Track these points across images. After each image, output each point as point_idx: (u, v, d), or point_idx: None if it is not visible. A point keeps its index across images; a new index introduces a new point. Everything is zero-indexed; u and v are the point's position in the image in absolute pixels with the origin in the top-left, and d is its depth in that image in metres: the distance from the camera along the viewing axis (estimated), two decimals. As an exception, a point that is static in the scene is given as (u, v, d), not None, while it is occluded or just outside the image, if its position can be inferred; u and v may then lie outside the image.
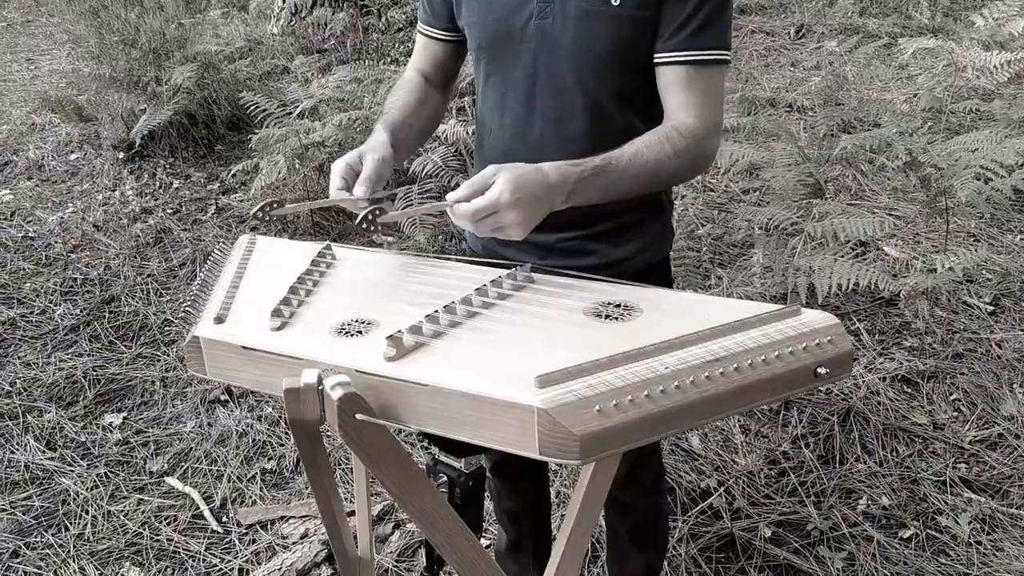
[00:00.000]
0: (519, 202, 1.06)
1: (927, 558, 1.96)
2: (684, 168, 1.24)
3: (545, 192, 1.09)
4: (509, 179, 1.06)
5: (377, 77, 3.83)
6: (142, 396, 2.86)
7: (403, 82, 1.47)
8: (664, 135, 1.21)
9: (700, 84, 1.24)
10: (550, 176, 1.10)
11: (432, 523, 1.04)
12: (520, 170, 1.08)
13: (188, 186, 4.34)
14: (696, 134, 1.23)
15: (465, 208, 1.06)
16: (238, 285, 1.24)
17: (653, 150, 1.19)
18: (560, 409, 0.88)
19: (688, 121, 1.23)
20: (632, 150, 1.19)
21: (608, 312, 1.08)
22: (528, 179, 1.08)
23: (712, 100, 1.25)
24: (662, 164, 1.20)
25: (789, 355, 0.98)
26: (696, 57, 1.23)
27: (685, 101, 1.23)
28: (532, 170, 1.09)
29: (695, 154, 1.23)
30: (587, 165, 1.15)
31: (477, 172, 1.46)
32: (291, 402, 0.96)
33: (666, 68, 1.25)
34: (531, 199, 1.07)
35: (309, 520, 2.29)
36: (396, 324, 1.07)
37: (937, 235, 3.20)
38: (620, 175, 1.17)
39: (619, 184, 1.19)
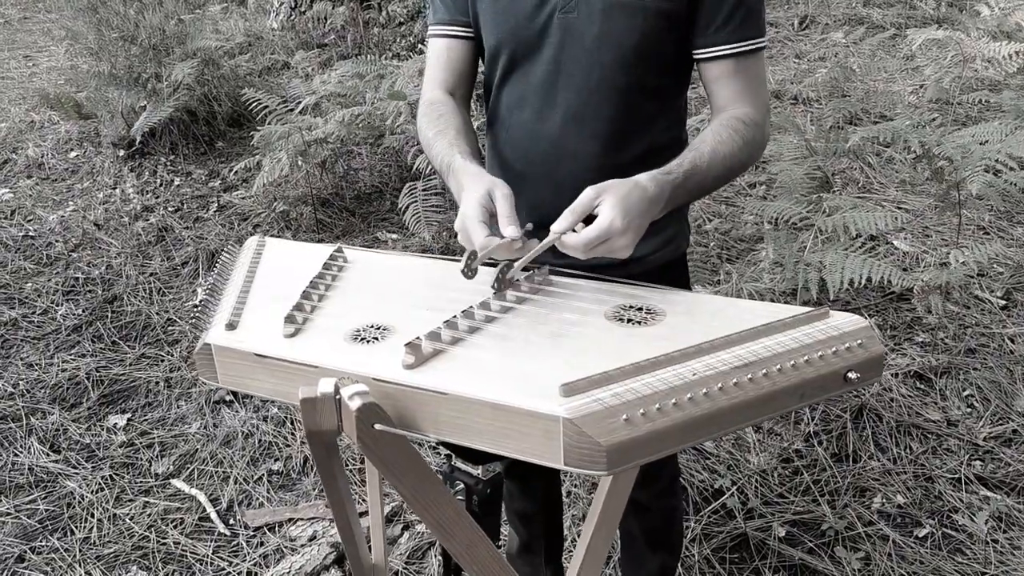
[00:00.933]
0: (630, 225, 1.04)
1: (944, 557, 1.94)
2: (751, 157, 1.24)
3: (647, 208, 1.07)
4: (616, 203, 1.03)
5: (379, 72, 3.80)
6: (146, 397, 2.84)
7: (439, 108, 1.34)
8: (731, 127, 1.21)
9: (749, 72, 1.25)
10: (650, 190, 1.08)
11: (451, 533, 1.02)
12: (623, 190, 1.05)
13: (189, 183, 4.31)
14: (757, 121, 1.24)
15: (576, 240, 1.03)
16: (249, 289, 1.21)
17: (727, 145, 1.19)
18: (586, 419, 0.85)
19: (747, 110, 1.24)
20: (709, 148, 1.18)
21: (630, 316, 1.06)
22: (633, 198, 1.05)
23: (762, 85, 1.27)
24: (736, 157, 1.20)
25: (819, 360, 0.95)
26: (743, 49, 1.23)
27: (739, 91, 1.24)
28: (634, 187, 1.07)
29: (759, 142, 1.25)
30: (678, 172, 1.14)
31: (490, 170, 1.45)
32: (308, 412, 0.94)
33: (712, 63, 1.25)
34: (638, 219, 1.05)
35: (317, 522, 2.26)
36: (413, 330, 1.05)
37: (946, 228, 3.17)
38: (704, 176, 1.17)
39: (703, 185, 1.19)
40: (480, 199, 1.09)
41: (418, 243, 3.24)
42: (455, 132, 1.29)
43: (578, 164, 1.31)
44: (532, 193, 1.36)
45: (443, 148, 1.27)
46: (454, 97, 1.39)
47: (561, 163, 1.32)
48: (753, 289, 2.79)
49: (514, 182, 1.37)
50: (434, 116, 1.34)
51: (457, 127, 1.30)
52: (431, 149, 1.31)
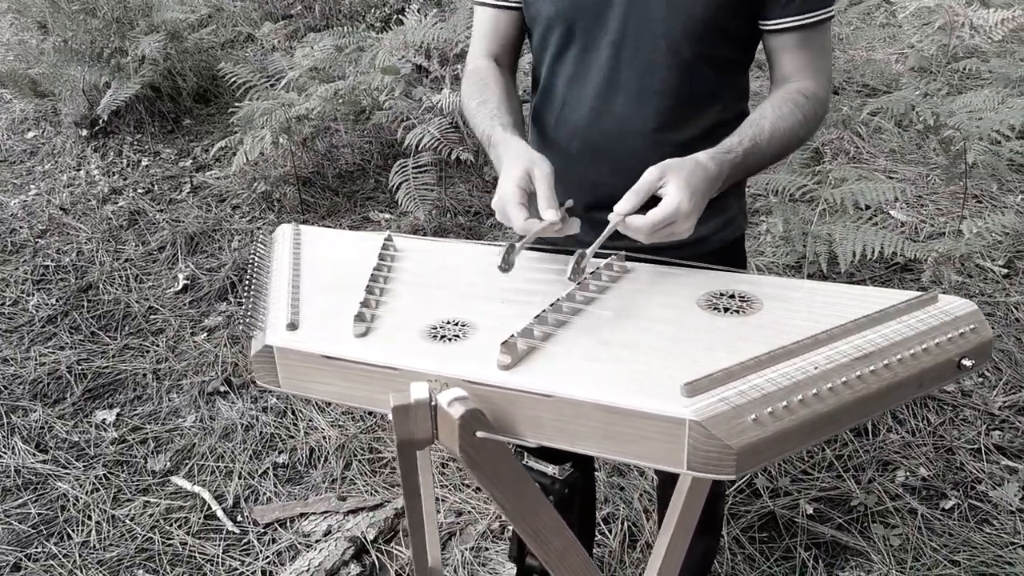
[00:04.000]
0: (695, 207, 1.00)
1: (972, 528, 1.95)
2: (810, 133, 1.21)
3: (708, 187, 1.04)
4: (682, 184, 0.99)
5: (359, 45, 3.65)
6: (134, 390, 2.71)
7: (482, 74, 1.31)
8: (792, 101, 1.16)
9: (815, 45, 1.20)
10: (710, 169, 1.04)
11: (545, 541, 0.95)
12: (686, 169, 1.02)
13: (158, 163, 4.12)
14: (819, 95, 1.19)
15: (643, 223, 0.99)
16: (299, 284, 1.12)
17: (787, 120, 1.15)
18: (714, 420, 0.79)
19: (809, 83, 1.19)
20: (769, 124, 1.14)
21: (726, 305, 1.00)
22: (696, 178, 1.02)
23: (826, 58, 1.22)
24: (796, 133, 1.16)
25: (935, 347, 0.91)
26: (811, 20, 1.18)
27: (803, 63, 1.19)
28: (695, 166, 1.03)
29: (820, 117, 1.20)
30: (738, 151, 1.10)
31: (542, 150, 1.37)
32: (400, 420, 0.86)
33: (779, 34, 1.20)
34: (702, 199, 1.02)
35: (331, 516, 2.18)
36: (495, 326, 0.98)
37: (939, 197, 3.18)
38: (764, 152, 1.13)
39: (762, 162, 1.15)
40: (518, 180, 1.05)
41: (411, 223, 3.14)
42: (497, 102, 1.25)
43: (642, 142, 1.25)
44: (592, 172, 1.29)
45: (484, 119, 1.23)
46: (499, 65, 1.35)
47: (624, 141, 1.25)
48: (759, 264, 2.76)
49: (573, 161, 1.31)
50: (478, 85, 1.30)
51: (500, 97, 1.26)
52: (473, 119, 1.27)
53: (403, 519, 2.16)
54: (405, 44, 3.44)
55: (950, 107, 2.35)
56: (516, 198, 1.04)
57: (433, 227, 3.16)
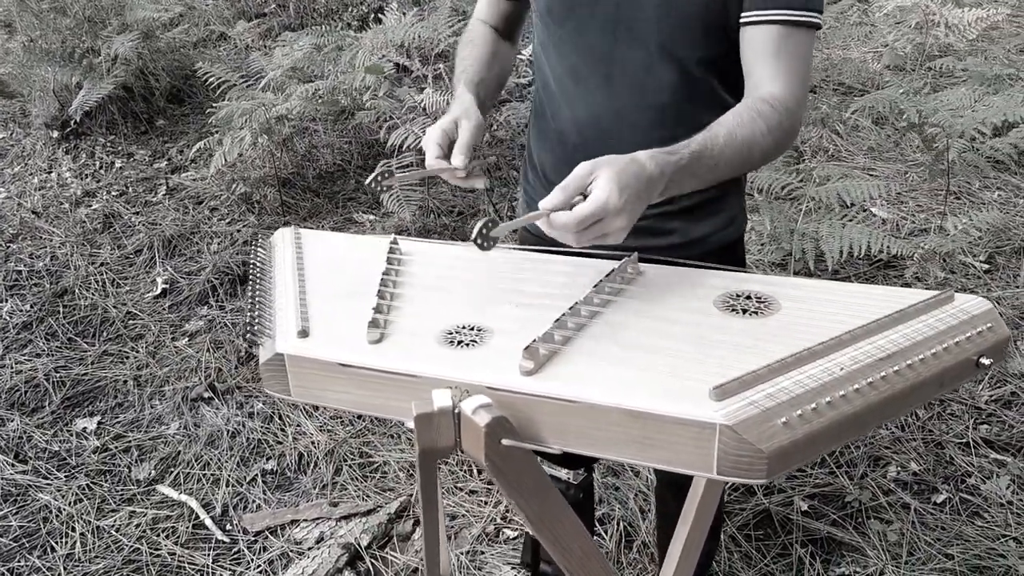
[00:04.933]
0: (626, 204, 0.92)
1: (964, 521, 1.97)
2: (776, 145, 1.12)
3: (645, 188, 0.95)
4: (613, 179, 0.91)
5: (338, 44, 3.61)
6: (115, 397, 2.65)
7: (472, 34, 1.38)
8: (755, 110, 1.09)
9: (790, 49, 1.12)
10: (648, 168, 0.96)
11: (567, 548, 0.94)
12: (619, 165, 0.94)
13: (132, 165, 4.04)
14: (788, 106, 1.11)
15: (567, 219, 0.91)
16: (305, 289, 1.09)
17: (746, 128, 1.07)
18: (745, 424, 0.79)
19: (777, 92, 1.11)
20: (725, 131, 1.07)
21: (743, 306, 0.99)
22: (630, 175, 0.94)
23: (802, 68, 1.15)
24: (756, 143, 1.08)
25: (955, 346, 0.91)
26: (789, 17, 1.11)
27: (775, 69, 1.12)
28: (631, 163, 0.95)
29: (787, 129, 1.12)
30: (683, 153, 1.02)
31: (541, 143, 1.36)
32: (423, 429, 0.84)
33: (754, 29, 1.13)
34: (635, 199, 0.94)
35: (323, 522, 2.15)
36: (511, 330, 0.96)
37: (919, 194, 3.22)
38: (716, 160, 1.05)
39: (715, 170, 1.06)
40: (446, 124, 1.15)
41: (395, 224, 3.11)
42: (472, 60, 1.32)
43: (637, 137, 1.23)
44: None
45: (457, 74, 1.31)
46: (496, 30, 1.40)
47: (620, 136, 1.24)
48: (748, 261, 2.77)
49: (570, 155, 1.29)
50: (466, 44, 1.38)
51: (478, 56, 1.33)
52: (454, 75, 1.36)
53: (396, 524, 2.13)
54: (385, 43, 3.40)
55: (934, 105, 2.37)
56: (436, 138, 1.13)
57: (418, 227, 3.13)
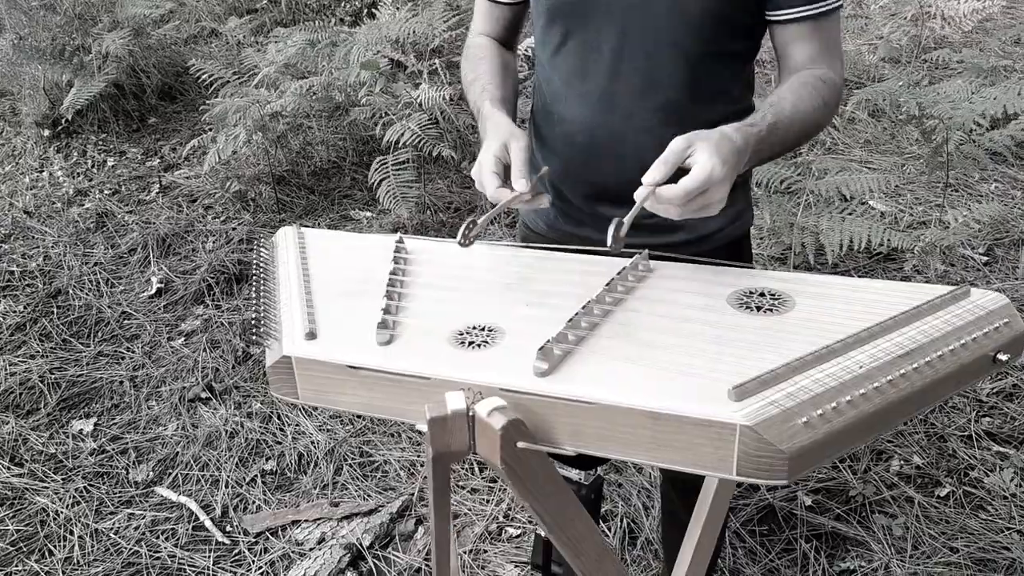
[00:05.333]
0: (727, 175, 0.95)
1: (968, 515, 1.97)
2: (827, 120, 1.18)
3: (736, 159, 0.98)
4: (712, 151, 0.94)
5: (332, 40, 3.58)
6: (111, 398, 2.62)
7: (478, 51, 1.34)
8: (811, 85, 1.13)
9: (826, 34, 1.18)
10: (736, 141, 1.00)
11: (582, 551, 0.93)
12: (714, 138, 0.97)
13: (124, 164, 4.00)
14: (836, 82, 1.17)
15: (675, 192, 0.93)
16: (310, 290, 1.08)
17: (807, 102, 1.11)
18: (765, 424, 0.77)
19: (825, 69, 1.17)
20: (790, 105, 1.10)
21: (758, 303, 0.98)
22: (725, 148, 0.97)
23: (838, 46, 1.20)
24: (815, 117, 1.13)
25: (972, 342, 0.90)
26: (820, 10, 1.15)
27: (816, 52, 1.17)
28: (722, 136, 0.98)
29: (835, 105, 1.18)
30: (762, 124, 1.06)
31: (545, 147, 1.34)
32: (437, 432, 0.82)
33: (787, 26, 1.17)
34: (731, 170, 0.97)
35: (324, 523, 2.14)
36: (523, 330, 0.95)
37: (916, 187, 3.21)
38: (786, 131, 1.09)
39: (784, 141, 1.11)
40: (496, 150, 1.09)
41: (393, 221, 3.09)
42: (489, 77, 1.28)
43: (647, 137, 1.22)
44: (595, 168, 1.27)
45: (476, 93, 1.27)
46: (498, 42, 1.37)
47: (629, 137, 1.23)
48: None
49: (576, 156, 1.28)
50: (473, 60, 1.33)
51: (492, 71, 1.29)
52: (468, 92, 1.31)
53: (398, 523, 2.12)
54: (380, 39, 3.38)
55: (933, 97, 2.37)
56: (491, 167, 1.07)
57: (415, 224, 3.11)
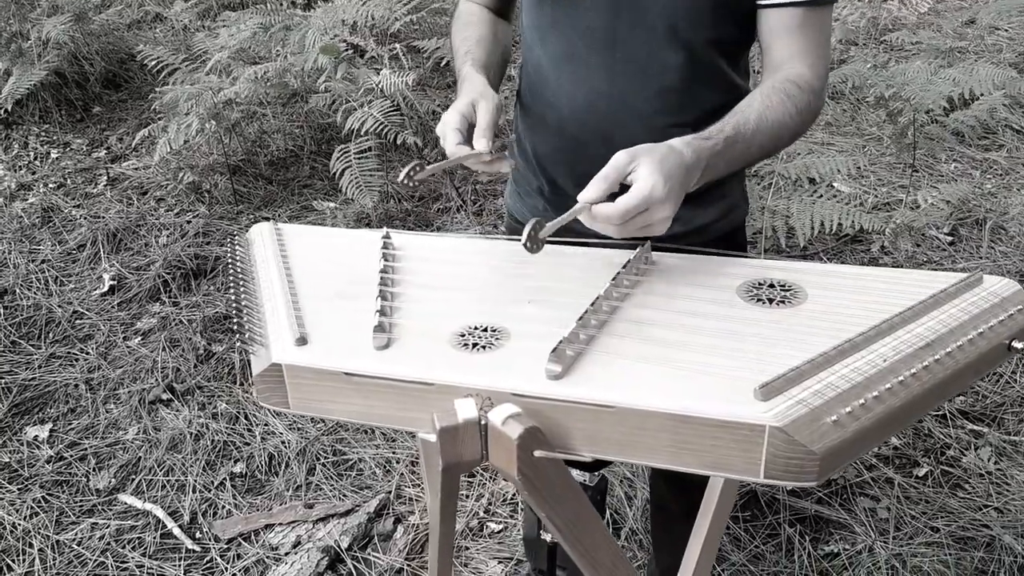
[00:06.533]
0: (670, 194, 0.89)
1: (947, 494, 1.99)
2: (803, 126, 1.10)
3: (684, 176, 0.93)
4: (655, 168, 0.89)
5: (286, 24, 3.46)
6: (67, 402, 2.50)
7: (467, 16, 1.29)
8: (784, 92, 1.06)
9: (814, 28, 1.10)
10: (686, 156, 0.94)
11: (597, 560, 0.89)
12: (659, 154, 0.91)
13: (69, 155, 3.83)
14: (813, 86, 1.09)
15: (610, 211, 0.89)
16: (296, 292, 1.01)
17: (776, 111, 1.04)
18: (796, 424, 0.74)
19: (804, 71, 1.09)
20: (755, 115, 1.03)
21: (768, 295, 0.94)
22: (671, 163, 0.91)
23: (825, 45, 1.13)
24: (785, 126, 1.06)
25: (989, 331, 0.88)
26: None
27: (799, 49, 1.09)
28: (669, 151, 0.93)
29: (814, 109, 1.10)
30: (718, 139, 0.99)
31: (533, 134, 1.29)
32: (447, 443, 0.77)
33: (774, 11, 1.10)
34: (677, 188, 0.91)
35: (299, 525, 2.07)
36: (528, 331, 0.90)
37: (879, 168, 3.24)
38: (748, 144, 1.03)
39: (746, 154, 1.04)
40: (462, 107, 1.07)
41: (357, 211, 3.00)
42: (475, 42, 1.24)
43: (641, 124, 1.18)
44: (587, 156, 1.21)
45: (460, 58, 1.23)
46: (491, 10, 1.32)
47: (623, 124, 1.18)
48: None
49: (567, 144, 1.23)
50: (461, 25, 1.30)
51: (479, 37, 1.25)
52: (454, 59, 1.27)
53: (376, 523, 2.06)
54: (336, 22, 3.27)
55: (901, 79, 2.37)
56: (455, 123, 1.05)
57: (379, 214, 3.03)
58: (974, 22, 3.78)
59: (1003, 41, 3.90)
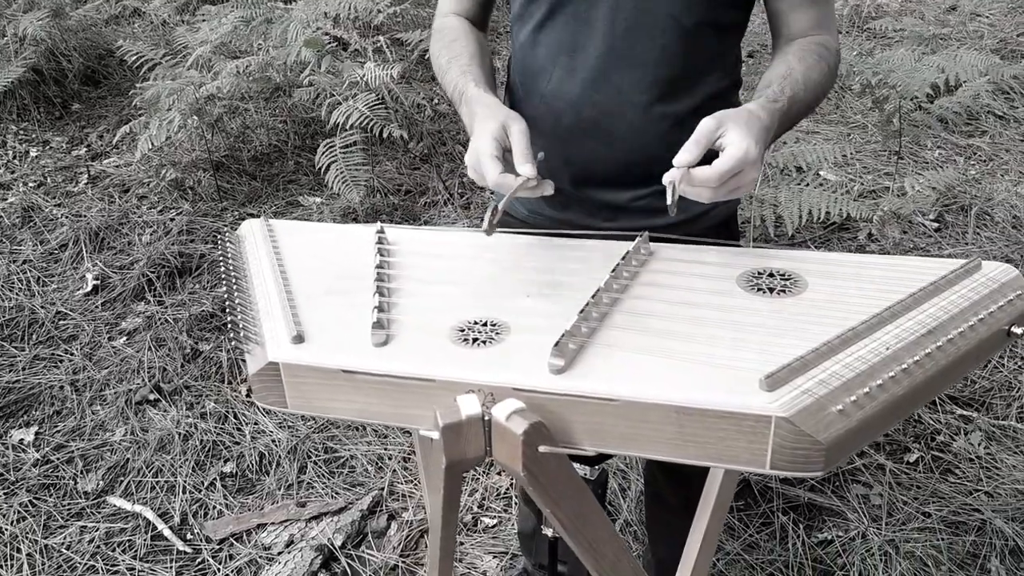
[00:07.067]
0: (760, 154, 0.93)
1: (937, 479, 2.00)
2: (831, 86, 1.15)
3: (765, 138, 0.97)
4: (745, 132, 0.93)
5: (267, 17, 3.42)
6: (52, 404, 2.47)
7: (451, 31, 1.24)
8: (817, 53, 1.11)
9: (824, 2, 1.16)
10: (764, 118, 0.98)
11: (601, 553, 0.88)
12: (743, 117, 0.95)
13: (48, 154, 3.77)
14: (836, 49, 1.16)
15: (709, 174, 0.91)
16: (290, 289, 1.00)
17: (815, 71, 1.09)
18: (802, 414, 0.74)
19: (826, 37, 1.14)
20: (802, 75, 1.07)
21: (768, 284, 0.94)
22: (756, 127, 0.95)
23: (834, 16, 1.19)
24: (823, 85, 1.11)
25: (989, 317, 0.88)
26: None
27: (814, 20, 1.15)
28: (750, 115, 0.97)
29: (836, 70, 1.16)
30: (783, 100, 1.03)
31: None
32: (451, 440, 0.76)
33: None
34: (763, 149, 0.95)
35: (291, 524, 2.05)
36: (528, 324, 0.89)
37: (864, 155, 3.25)
38: (802, 103, 1.07)
39: (800, 114, 1.09)
40: (494, 132, 1.01)
41: (344, 206, 2.98)
42: (469, 58, 1.19)
43: (638, 114, 1.17)
44: (584, 148, 1.21)
45: (456, 75, 1.17)
46: (470, 21, 1.29)
47: (620, 114, 1.17)
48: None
49: (562, 137, 1.22)
50: (447, 41, 1.24)
51: (472, 52, 1.21)
52: (444, 77, 1.21)
53: (370, 520, 2.05)
54: (318, 15, 3.24)
55: (888, 66, 2.38)
56: (492, 151, 0.99)
57: (366, 209, 3.01)
58: (955, 9, 3.80)
59: (984, 27, 3.93)
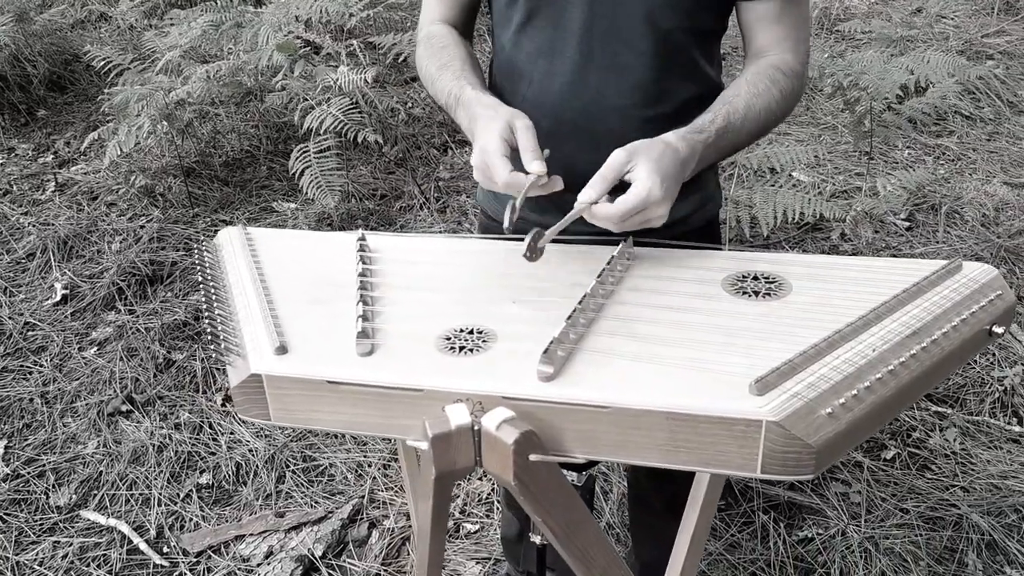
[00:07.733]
0: (667, 192, 0.93)
1: (914, 475, 2.02)
2: (787, 110, 1.13)
3: (679, 171, 0.96)
4: (652, 168, 0.92)
5: (237, 21, 3.38)
6: (21, 417, 2.42)
7: (439, 39, 1.22)
8: (769, 77, 1.08)
9: (794, 14, 1.12)
10: (681, 151, 0.97)
11: (591, 561, 0.88)
12: (655, 152, 0.94)
13: (14, 161, 3.70)
14: (797, 71, 1.12)
15: (612, 211, 0.91)
16: (271, 298, 0.98)
17: (763, 98, 1.06)
18: (792, 418, 0.74)
19: (787, 57, 1.11)
20: (744, 102, 1.05)
21: (753, 288, 0.94)
22: (667, 162, 0.94)
23: (805, 30, 1.16)
24: (771, 112, 1.08)
25: (971, 317, 0.89)
26: None
27: (781, 35, 1.11)
28: (665, 148, 0.95)
29: (797, 93, 1.13)
30: (710, 131, 1.02)
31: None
32: (441, 450, 0.75)
33: (757, 4, 1.12)
34: (673, 184, 0.94)
35: (270, 535, 2.02)
36: (515, 332, 0.88)
37: (835, 156, 3.29)
38: (738, 133, 1.05)
39: (735, 143, 1.07)
40: (500, 132, 0.99)
41: (319, 212, 2.95)
42: (461, 63, 1.18)
43: (618, 118, 1.17)
44: (564, 153, 1.20)
45: (449, 80, 1.15)
46: (456, 29, 1.27)
47: (600, 119, 1.17)
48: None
49: (543, 141, 1.21)
50: (436, 48, 1.22)
51: (463, 58, 1.19)
52: (435, 84, 1.19)
53: (350, 529, 2.03)
54: (289, 19, 3.21)
55: (860, 68, 2.41)
56: (500, 150, 0.97)
57: (341, 214, 2.98)
58: (921, 11, 3.86)
59: (950, 29, 4.00)
